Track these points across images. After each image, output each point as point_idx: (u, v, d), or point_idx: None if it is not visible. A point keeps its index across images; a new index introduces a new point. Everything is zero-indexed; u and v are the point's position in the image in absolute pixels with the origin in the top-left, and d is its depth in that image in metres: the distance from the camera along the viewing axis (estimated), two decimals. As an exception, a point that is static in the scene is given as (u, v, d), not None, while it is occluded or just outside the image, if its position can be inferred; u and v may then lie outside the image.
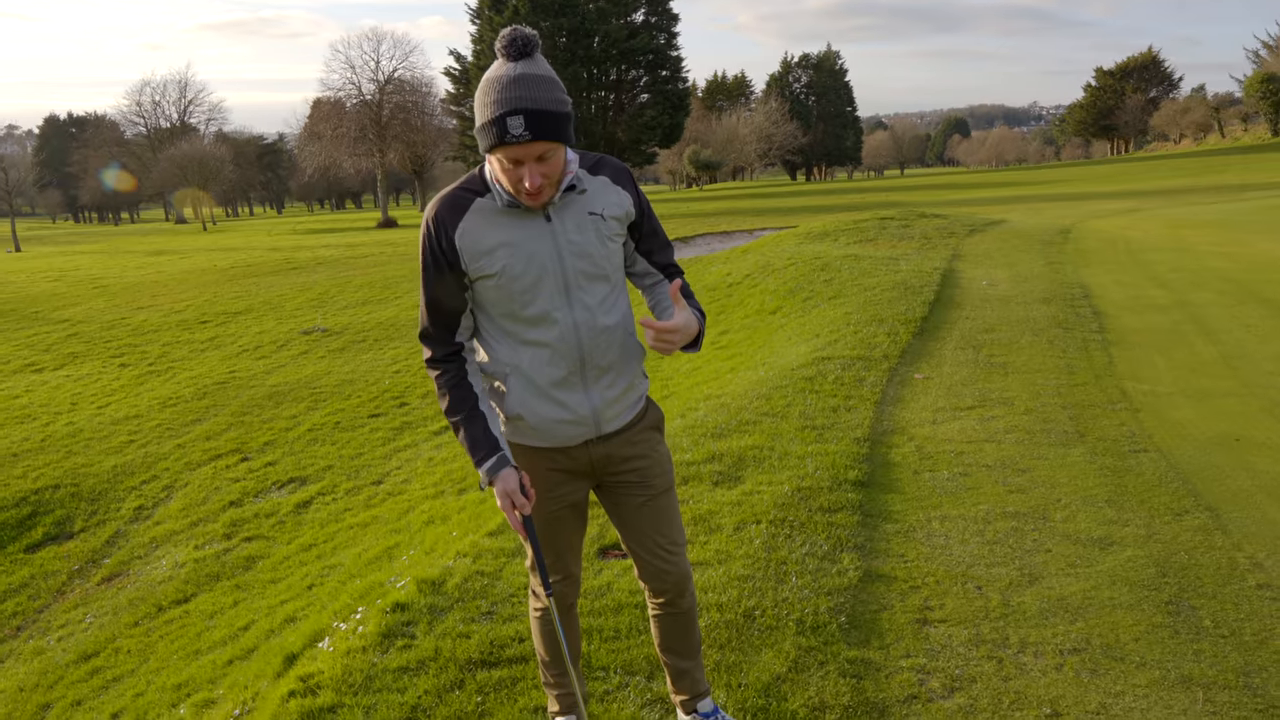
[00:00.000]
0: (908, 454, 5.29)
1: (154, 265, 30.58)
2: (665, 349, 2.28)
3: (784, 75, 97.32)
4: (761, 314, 10.87)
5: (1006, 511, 4.41)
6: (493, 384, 2.45)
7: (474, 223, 2.29)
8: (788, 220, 27.30)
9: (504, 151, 2.15)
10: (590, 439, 2.46)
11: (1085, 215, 20.92)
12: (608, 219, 2.38)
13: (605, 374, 2.41)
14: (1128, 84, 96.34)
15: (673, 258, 2.64)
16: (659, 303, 2.58)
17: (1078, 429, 5.55)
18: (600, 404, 2.42)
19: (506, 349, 2.38)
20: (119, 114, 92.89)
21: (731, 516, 4.45)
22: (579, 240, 2.32)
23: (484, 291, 2.34)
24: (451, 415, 2.41)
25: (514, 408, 2.40)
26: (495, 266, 2.28)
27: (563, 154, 2.23)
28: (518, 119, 2.10)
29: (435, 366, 2.43)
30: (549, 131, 2.13)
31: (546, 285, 2.31)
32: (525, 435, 2.45)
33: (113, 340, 17.06)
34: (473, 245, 2.29)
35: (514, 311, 2.33)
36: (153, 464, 9.94)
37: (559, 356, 2.35)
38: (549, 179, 2.21)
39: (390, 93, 52.90)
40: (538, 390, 2.37)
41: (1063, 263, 12.22)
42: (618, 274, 2.46)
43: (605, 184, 2.42)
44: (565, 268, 2.32)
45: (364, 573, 5.81)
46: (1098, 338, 7.87)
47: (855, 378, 6.83)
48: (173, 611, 6.52)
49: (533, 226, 2.30)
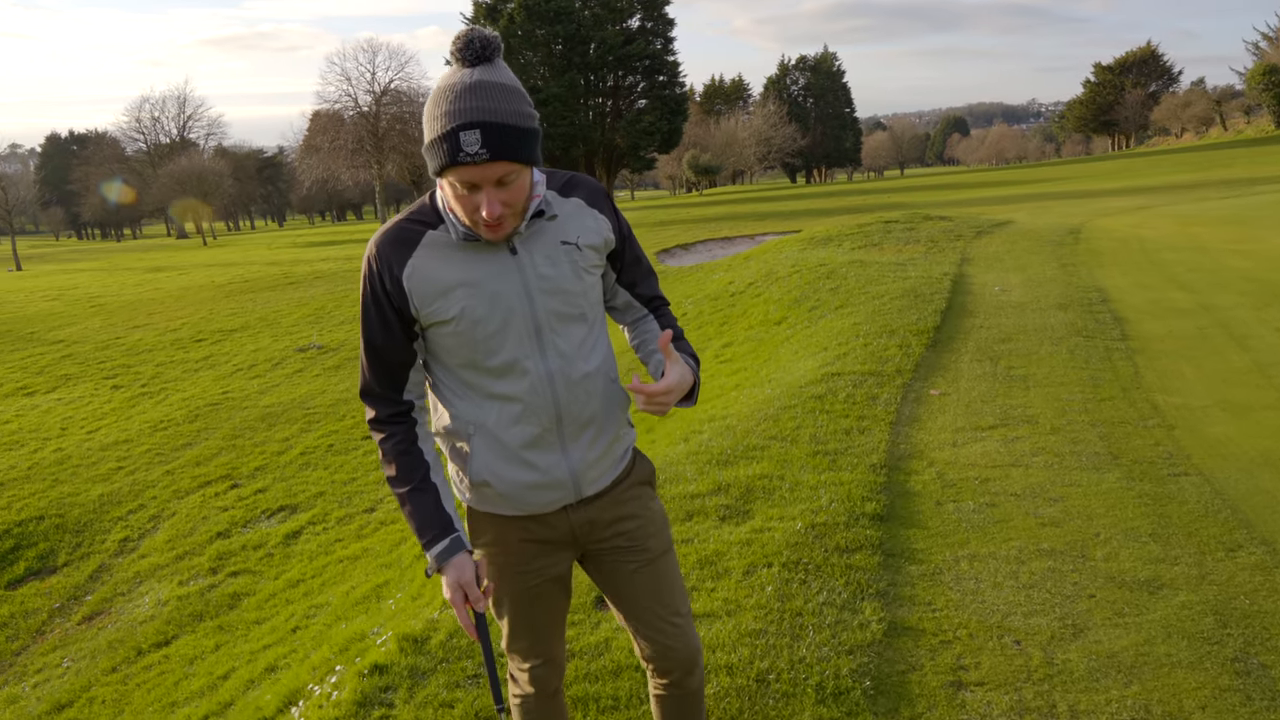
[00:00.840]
0: (928, 482, 4.93)
1: (152, 282, 30.30)
2: (658, 411, 1.94)
3: (781, 78, 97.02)
4: (766, 325, 10.51)
5: (1041, 549, 4.04)
6: (454, 444, 2.08)
7: (425, 260, 1.93)
8: (790, 224, 26.94)
9: (457, 174, 1.79)
10: (569, 504, 2.10)
11: (1093, 213, 20.53)
12: (584, 248, 2.02)
13: (585, 429, 2.05)
14: (1127, 79, 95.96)
15: (658, 287, 2.29)
16: (644, 343, 2.23)
17: (1110, 450, 5.18)
18: (580, 465, 2.06)
19: (468, 405, 2.02)
20: (119, 131, 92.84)
21: (740, 558, 4.09)
22: (551, 275, 1.97)
23: (440, 340, 1.98)
24: (397, 486, 2.05)
25: (479, 473, 2.04)
26: (452, 310, 1.92)
27: (528, 177, 1.87)
28: (473, 134, 1.74)
29: (379, 428, 2.06)
30: (510, 150, 1.77)
31: (514, 330, 1.94)
32: (493, 502, 2.09)
33: (106, 361, 16.75)
34: (424, 286, 1.93)
35: (476, 361, 1.97)
36: (140, 492, 9.60)
37: (531, 412, 1.99)
38: (511, 207, 1.85)
39: (387, 104, 52.64)
40: (506, 452, 2.01)
41: (1076, 265, 11.85)
42: (596, 311, 2.09)
43: (579, 207, 2.06)
44: (535, 308, 1.95)
45: (350, 614, 5.47)
46: (1121, 346, 7.50)
47: (868, 395, 6.47)
48: (152, 656, 6.17)
49: (495, 262, 1.94)
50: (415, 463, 2.05)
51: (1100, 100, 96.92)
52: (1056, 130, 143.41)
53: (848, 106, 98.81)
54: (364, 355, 2.04)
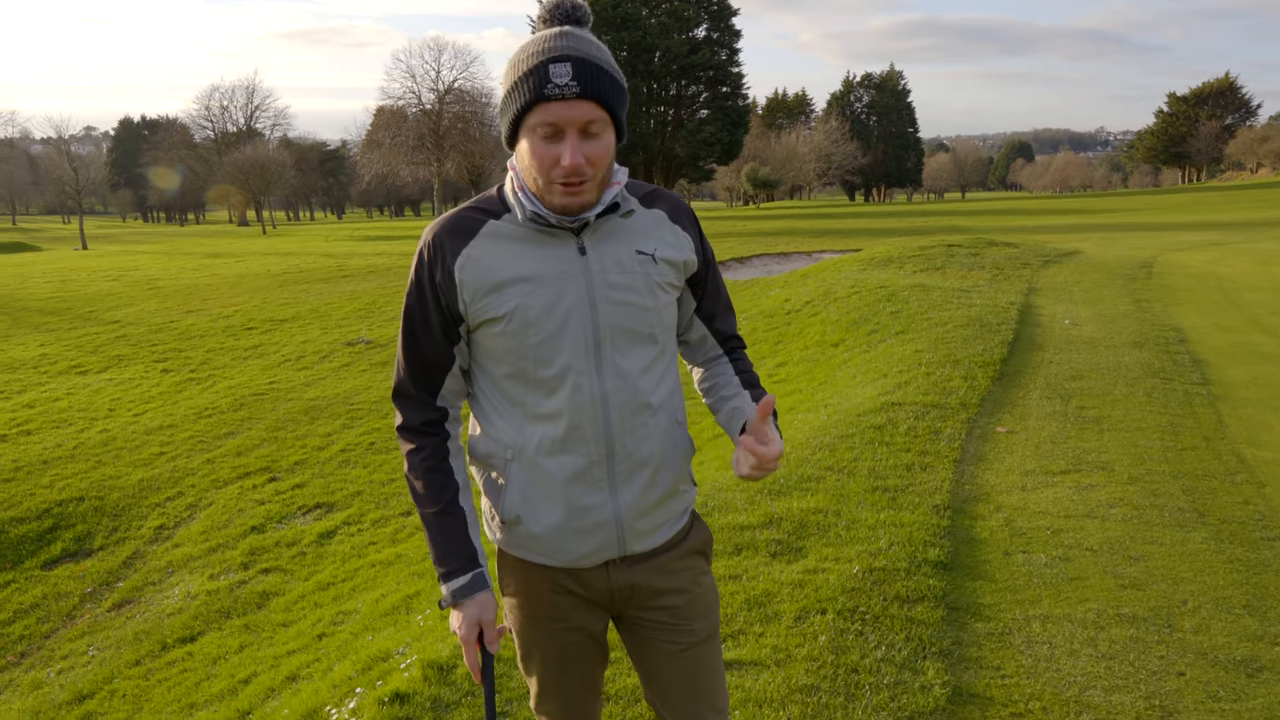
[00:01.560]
0: (995, 529, 4.60)
1: (209, 268, 30.71)
2: (756, 477, 1.70)
3: (845, 94, 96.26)
4: (823, 346, 10.19)
5: (1122, 614, 3.70)
6: (488, 473, 1.83)
7: (483, 250, 1.73)
8: (848, 243, 26.50)
9: (541, 112, 1.59)
10: (612, 559, 1.83)
11: (1165, 247, 19.85)
12: (660, 262, 1.78)
13: (639, 471, 1.78)
14: (1202, 110, 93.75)
15: (735, 325, 2.03)
16: (717, 388, 1.97)
17: (1195, 506, 4.81)
18: (629, 511, 1.79)
19: (509, 426, 1.77)
20: (189, 118, 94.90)
21: (792, 601, 3.81)
22: (621, 283, 1.74)
23: (486, 342, 1.75)
24: (422, 506, 1.82)
25: (512, 507, 1.79)
26: (505, 307, 1.70)
27: (613, 141, 1.66)
28: (563, 66, 1.57)
29: (409, 438, 1.83)
30: (602, 90, 1.60)
31: (571, 338, 1.71)
32: (525, 545, 1.83)
33: (159, 344, 16.89)
34: (477, 278, 1.71)
35: (525, 371, 1.74)
36: (180, 479, 9.55)
37: (578, 438, 1.74)
38: (593, 167, 1.63)
39: (450, 102, 53.06)
40: (547, 484, 1.75)
41: (1150, 301, 11.35)
42: (667, 337, 1.84)
43: (660, 220, 1.83)
44: (598, 317, 1.72)
45: (377, 625, 5.28)
46: (1201, 391, 7.07)
47: (930, 429, 6.14)
48: (176, 651, 6.03)
49: (560, 260, 1.72)
50: (444, 481, 1.82)
51: (1173, 131, 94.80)
52: (1124, 160, 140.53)
53: (911, 126, 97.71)
54: (401, 352, 1.83)
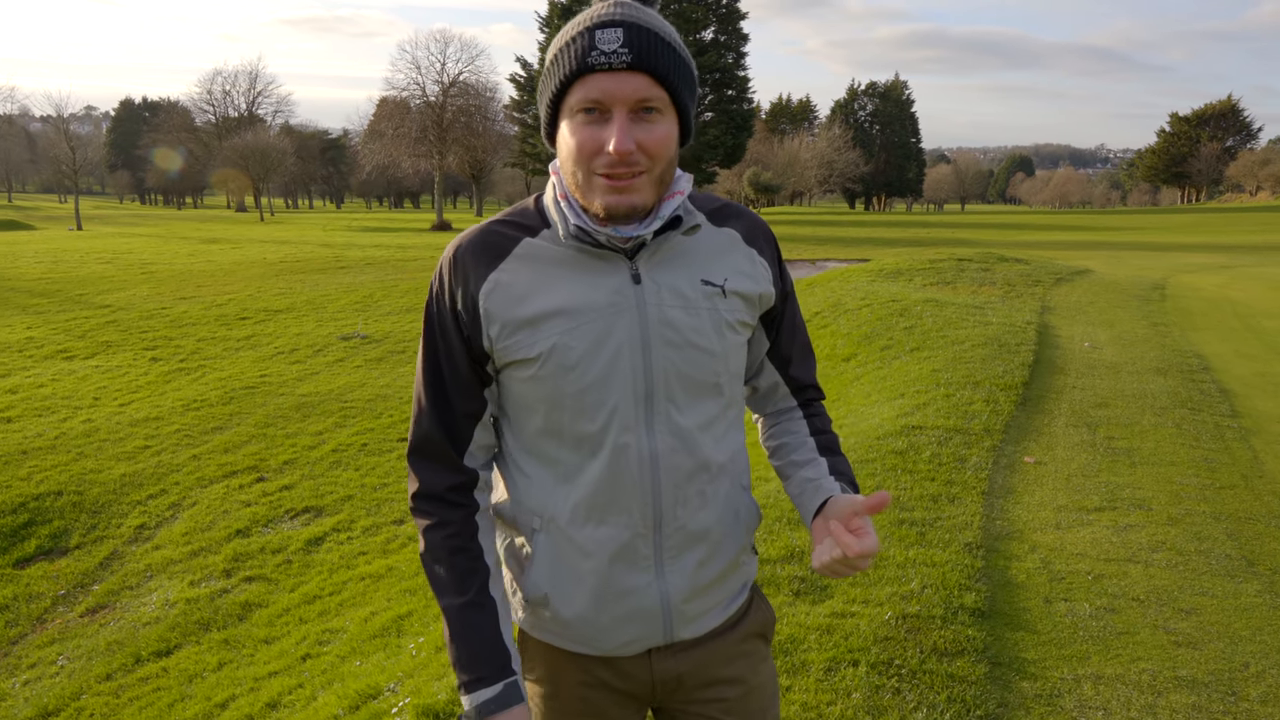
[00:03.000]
0: (1033, 571, 4.30)
1: (205, 254, 30.30)
2: (838, 574, 1.36)
3: (850, 102, 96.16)
4: (834, 360, 9.89)
5: (1179, 677, 3.40)
6: (512, 540, 1.52)
7: (515, 274, 1.40)
8: (852, 251, 26.25)
9: (584, 86, 1.29)
10: (656, 646, 1.51)
11: (1174, 268, 19.62)
12: (730, 295, 1.45)
13: (693, 546, 1.47)
14: (1203, 131, 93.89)
15: (814, 373, 1.68)
16: (786, 449, 1.63)
17: (1243, 554, 4.51)
18: (678, 594, 1.47)
19: (539, 488, 1.45)
20: (190, 101, 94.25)
21: (820, 650, 3.49)
22: (682, 320, 1.41)
23: (515, 387, 1.43)
24: (445, 595, 1.44)
25: (537, 585, 1.47)
26: (538, 347, 1.38)
27: (674, 130, 1.34)
28: (613, 31, 1.28)
29: (430, 509, 1.46)
30: (658, 61, 1.29)
31: (617, 387, 1.39)
32: (551, 630, 1.51)
33: (149, 331, 16.51)
34: (506, 310, 1.39)
35: (560, 424, 1.41)
36: (163, 476, 9.20)
37: (620, 508, 1.42)
38: (648, 156, 1.31)
39: (454, 95, 52.63)
40: (580, 562, 1.44)
41: (1168, 325, 11.07)
42: (734, 387, 1.51)
43: (733, 241, 1.49)
44: (652, 362, 1.39)
45: (365, 649, 4.96)
46: (1232, 424, 6.78)
47: (954, 456, 5.83)
48: (150, 666, 5.70)
49: (609, 287, 1.39)
50: (472, 565, 1.45)
51: (1174, 151, 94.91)
52: (1124, 178, 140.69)
53: (914, 136, 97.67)
54: (422, 398, 1.46)
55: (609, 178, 1.32)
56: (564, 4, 51.37)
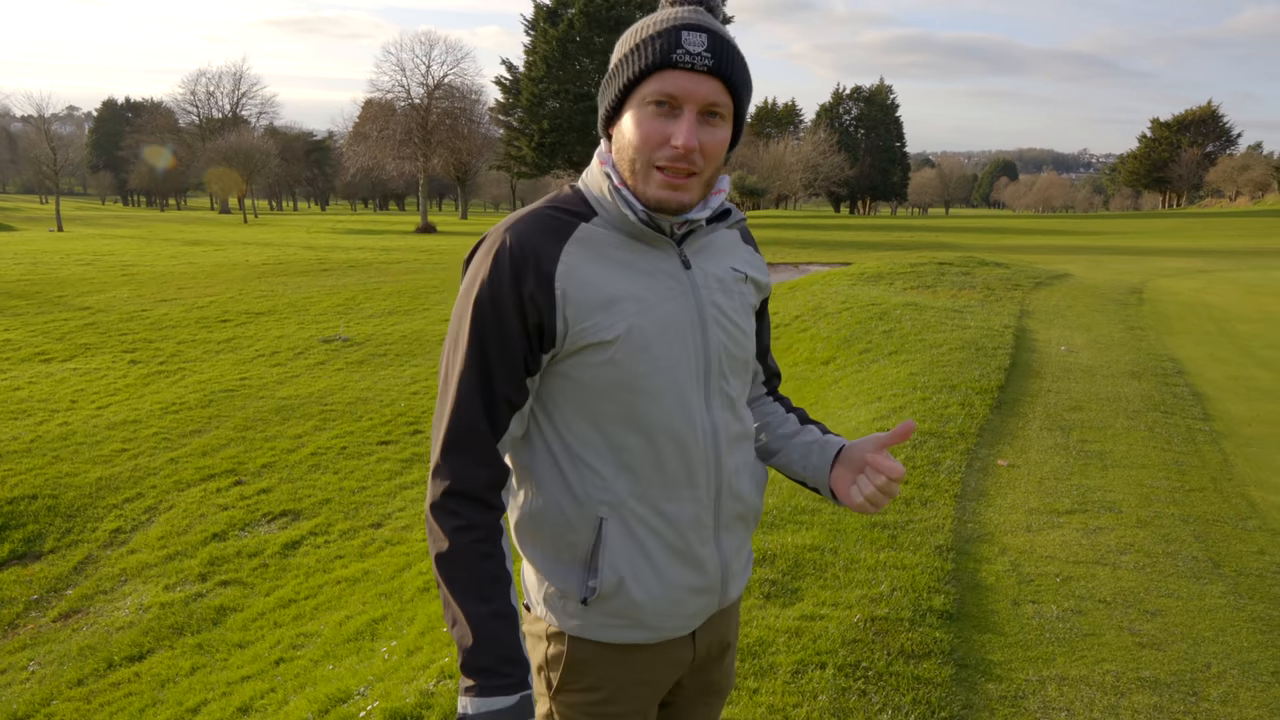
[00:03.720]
0: (1002, 574, 4.33)
1: (187, 255, 30.12)
2: (877, 503, 1.52)
3: (835, 106, 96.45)
4: (813, 363, 9.93)
5: (1142, 678, 3.43)
6: (563, 542, 1.48)
7: (580, 258, 1.41)
8: (835, 255, 26.35)
9: (665, 79, 1.36)
10: (711, 615, 1.60)
11: (1152, 273, 19.78)
12: (749, 281, 1.60)
13: (740, 511, 1.58)
14: (1184, 137, 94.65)
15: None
16: (771, 425, 1.73)
17: (1210, 556, 4.56)
18: (730, 557, 1.58)
19: (601, 477, 1.45)
20: (174, 102, 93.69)
21: (789, 653, 3.51)
22: (725, 303, 1.53)
23: (581, 374, 1.42)
24: (467, 603, 1.39)
25: (615, 570, 1.46)
26: (616, 329, 1.40)
27: (728, 134, 1.43)
28: (699, 35, 1.36)
29: (459, 508, 1.41)
30: (735, 74, 1.39)
31: (684, 366, 1.45)
32: (618, 625, 1.50)
33: (129, 333, 16.41)
34: (583, 291, 1.40)
35: (631, 408, 1.43)
36: (140, 479, 9.15)
37: (690, 482, 1.48)
38: (708, 157, 1.40)
39: (439, 98, 52.53)
40: (654, 541, 1.47)
41: (1144, 329, 11.17)
42: (752, 365, 1.66)
43: (736, 240, 1.63)
44: (709, 342, 1.48)
45: (339, 653, 4.95)
46: (1204, 428, 6.85)
47: (928, 459, 5.87)
48: (123, 671, 5.66)
49: (666, 275, 1.47)
50: (499, 571, 1.42)
51: (1155, 156, 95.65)
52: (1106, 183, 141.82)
53: (898, 140, 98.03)
54: (461, 387, 1.41)
55: (667, 173, 1.38)
56: (549, 7, 51.43)
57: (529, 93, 50.92)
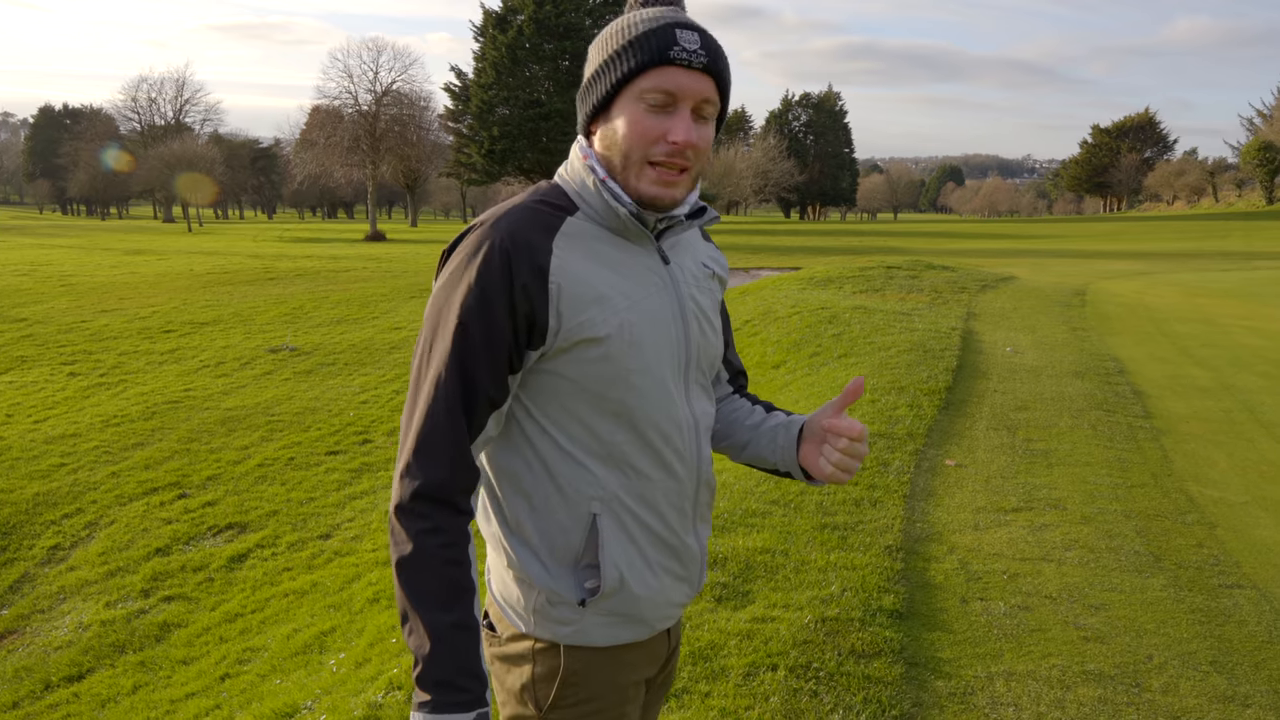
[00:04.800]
0: (951, 572, 4.38)
1: (129, 265, 29.46)
2: (847, 469, 1.51)
3: (784, 113, 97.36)
4: (763, 368, 9.98)
5: (1087, 671, 3.49)
6: (554, 544, 1.44)
7: (570, 253, 1.39)
8: (786, 260, 26.56)
9: (658, 76, 1.37)
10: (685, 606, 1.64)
11: (1095, 275, 20.22)
12: (715, 278, 1.64)
13: (711, 501, 1.62)
14: (1123, 143, 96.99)
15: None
16: (737, 421, 1.72)
17: (1151, 550, 4.65)
18: (704, 544, 1.61)
19: (592, 474, 1.42)
20: (114, 108, 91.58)
21: (740, 655, 3.51)
22: (700, 299, 1.56)
23: (570, 370, 1.39)
24: (429, 611, 1.34)
25: (615, 567, 1.43)
26: (609, 325, 1.38)
27: (713, 134, 1.46)
28: (692, 34, 1.38)
29: (429, 513, 1.35)
30: (724, 72, 1.42)
31: (668, 359, 1.46)
32: (614, 624, 1.48)
33: (67, 345, 15.99)
34: (576, 286, 1.37)
35: (620, 404, 1.41)
36: (80, 494, 8.91)
37: (676, 475, 1.50)
38: (699, 155, 1.42)
39: (387, 104, 52.02)
40: (645, 534, 1.47)
41: (1086, 329, 11.40)
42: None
43: (699, 236, 1.66)
44: (689, 337, 1.50)
45: (286, 666, 4.85)
46: (1145, 425, 7.00)
47: (878, 460, 5.92)
48: (61, 692, 5.50)
49: (648, 270, 1.47)
50: (465, 579, 1.37)
51: (1096, 161, 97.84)
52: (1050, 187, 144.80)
53: (847, 146, 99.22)
54: (436, 385, 1.36)
55: (661, 169, 1.39)
56: (498, 14, 51.22)
57: (478, 99, 50.63)
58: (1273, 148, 66.16)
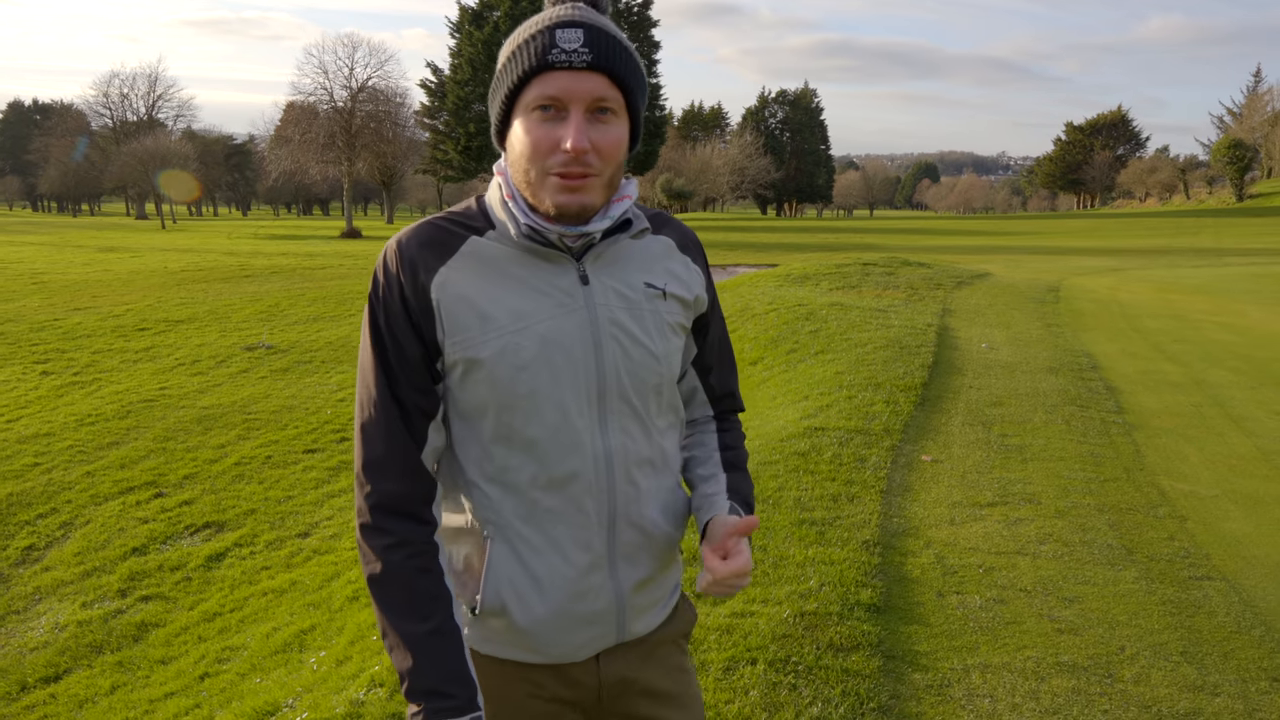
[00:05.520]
0: (927, 566, 4.43)
1: (101, 263, 29.14)
2: (716, 594, 1.40)
3: (760, 110, 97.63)
4: (741, 365, 10.03)
5: (1061, 662, 3.55)
6: (462, 553, 1.46)
7: (463, 272, 1.38)
8: (762, 257, 26.65)
9: (544, 83, 1.31)
10: (607, 648, 1.52)
11: (1068, 272, 20.44)
12: (670, 298, 1.48)
13: (641, 542, 1.48)
14: (1096, 140, 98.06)
15: (735, 383, 1.70)
16: (696, 461, 1.64)
17: (1123, 543, 4.73)
18: (630, 590, 1.49)
19: (490, 496, 1.42)
20: (85, 104, 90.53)
21: (720, 650, 3.55)
22: (628, 322, 1.43)
23: (465, 390, 1.39)
24: (405, 622, 1.36)
25: (497, 593, 1.42)
26: (488, 348, 1.36)
27: (625, 132, 1.36)
28: (573, 31, 1.31)
29: (387, 524, 1.38)
30: (619, 66, 1.32)
31: (570, 386, 1.39)
32: (503, 641, 1.47)
33: (40, 344, 15.81)
34: (457, 305, 1.36)
35: (512, 427, 1.39)
36: (54, 494, 8.82)
37: (577, 508, 1.42)
38: (602, 158, 1.33)
39: (363, 100, 51.70)
40: (539, 566, 1.42)
41: (1060, 326, 11.53)
42: (674, 387, 1.54)
43: (668, 249, 1.53)
44: (603, 362, 1.41)
45: (266, 665, 4.84)
46: (1118, 420, 7.10)
47: (855, 456, 5.98)
48: (37, 694, 5.46)
49: (558, 287, 1.40)
50: (437, 588, 1.38)
51: (1070, 159, 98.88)
52: (1024, 184, 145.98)
53: (823, 143, 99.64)
54: (371, 403, 1.39)
55: (562, 177, 1.32)
56: (474, 9, 51.08)
57: (454, 96, 50.46)
58: (1242, 145, 67.07)
